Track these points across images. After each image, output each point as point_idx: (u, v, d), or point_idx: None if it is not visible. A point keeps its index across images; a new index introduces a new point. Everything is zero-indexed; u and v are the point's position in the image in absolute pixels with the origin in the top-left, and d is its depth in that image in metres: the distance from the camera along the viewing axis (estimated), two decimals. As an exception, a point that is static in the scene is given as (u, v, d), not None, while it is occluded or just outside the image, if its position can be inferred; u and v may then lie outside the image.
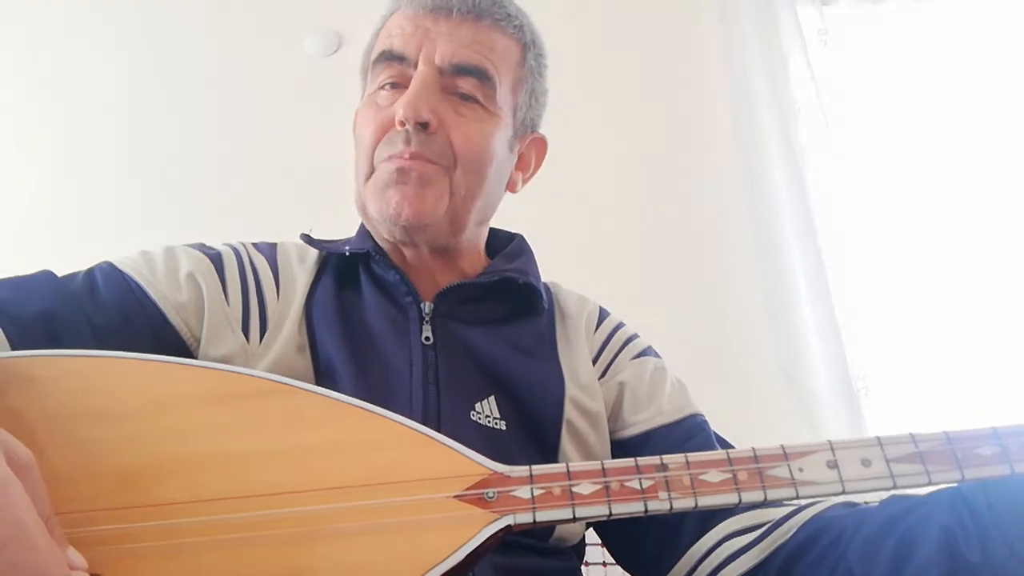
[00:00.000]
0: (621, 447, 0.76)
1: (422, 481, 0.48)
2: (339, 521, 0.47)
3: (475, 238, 0.82)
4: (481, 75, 0.75)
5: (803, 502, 0.67)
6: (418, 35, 0.75)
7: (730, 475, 0.47)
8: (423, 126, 0.72)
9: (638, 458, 0.49)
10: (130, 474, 0.49)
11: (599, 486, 0.47)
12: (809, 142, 1.91)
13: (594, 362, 0.79)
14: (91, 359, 0.54)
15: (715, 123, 2.05)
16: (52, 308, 0.63)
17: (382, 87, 0.77)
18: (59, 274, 0.70)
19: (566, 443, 0.73)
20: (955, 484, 0.50)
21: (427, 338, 0.73)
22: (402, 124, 0.72)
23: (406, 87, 0.74)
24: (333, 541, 0.46)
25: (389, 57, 0.76)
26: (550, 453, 0.72)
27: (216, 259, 0.75)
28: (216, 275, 0.74)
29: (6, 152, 2.06)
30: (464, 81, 0.75)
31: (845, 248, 1.84)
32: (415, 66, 0.74)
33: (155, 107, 2.09)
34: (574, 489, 0.47)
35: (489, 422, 0.70)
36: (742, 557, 0.66)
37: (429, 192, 0.73)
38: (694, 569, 0.68)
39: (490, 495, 0.48)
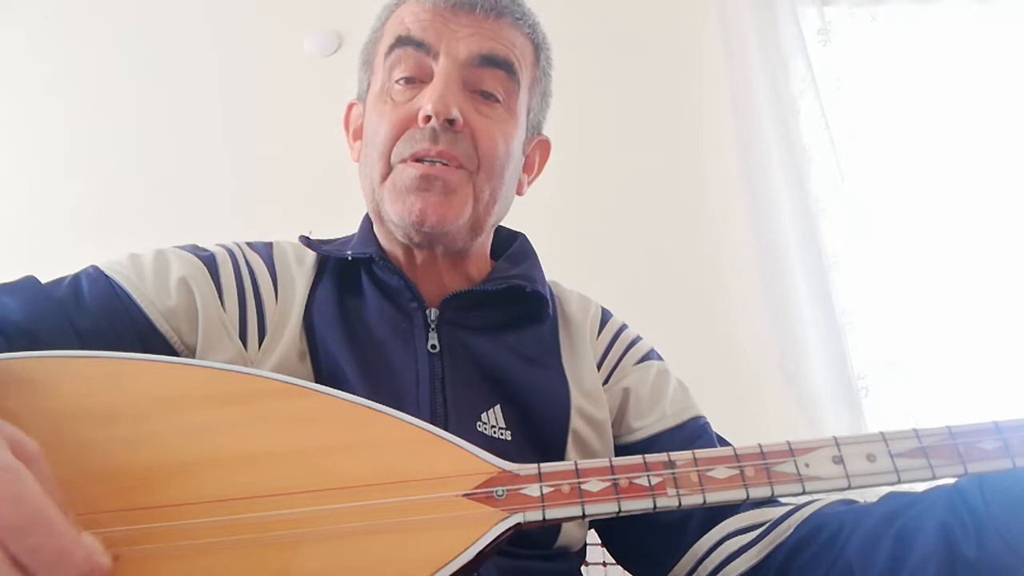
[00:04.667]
0: (626, 452, 0.75)
1: (430, 480, 0.48)
2: (348, 521, 0.47)
3: (485, 241, 0.82)
4: (508, 68, 0.74)
5: (805, 499, 0.67)
6: (437, 24, 0.72)
7: (737, 471, 0.47)
8: (450, 123, 0.70)
9: (646, 455, 0.49)
10: (137, 475, 0.48)
11: (608, 483, 0.47)
12: (809, 142, 1.91)
13: (598, 367, 0.79)
14: (95, 360, 0.53)
15: (715, 123, 2.05)
16: (34, 316, 0.62)
17: (396, 81, 0.74)
18: (52, 276, 0.68)
19: (571, 452, 0.73)
20: (958, 478, 0.51)
21: (433, 346, 0.72)
22: (427, 120, 0.70)
23: (423, 82, 0.73)
24: (342, 541, 0.46)
25: (406, 43, 0.73)
26: (555, 461, 0.72)
27: (210, 262, 0.73)
28: (210, 279, 0.71)
29: (7, 151, 2.06)
30: (490, 75, 0.74)
31: (845, 248, 1.84)
32: (435, 57, 0.72)
33: (155, 107, 2.08)
34: (583, 487, 0.47)
35: (495, 432, 0.70)
36: (743, 555, 0.66)
37: (454, 199, 0.72)
38: (695, 568, 0.68)
39: (499, 493, 0.48)
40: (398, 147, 0.72)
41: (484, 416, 0.70)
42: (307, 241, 0.79)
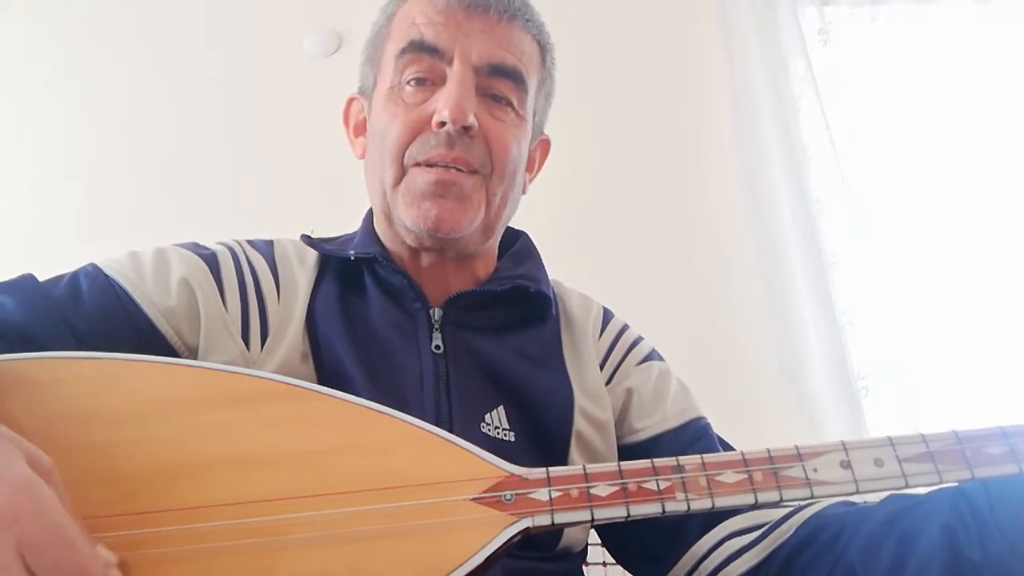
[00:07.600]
0: (628, 453, 0.76)
1: (439, 484, 0.48)
2: (356, 525, 0.47)
3: (495, 242, 0.82)
4: (517, 78, 0.74)
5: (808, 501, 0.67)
6: (450, 28, 0.72)
7: (746, 476, 0.48)
8: (466, 129, 0.70)
9: (654, 459, 0.49)
10: (140, 478, 0.48)
11: (616, 487, 0.47)
12: (809, 142, 1.91)
13: (600, 367, 0.79)
14: (97, 361, 0.53)
15: (715, 123, 2.04)
16: (32, 316, 0.61)
17: (408, 82, 0.73)
18: (51, 274, 0.68)
19: (575, 453, 0.72)
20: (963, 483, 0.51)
21: (437, 347, 0.71)
22: (441, 125, 0.70)
23: (435, 84, 0.72)
24: (351, 545, 0.46)
25: (419, 48, 0.72)
26: (558, 463, 0.71)
27: (211, 260, 0.72)
28: (212, 279, 0.71)
29: (7, 151, 2.05)
30: (500, 83, 0.73)
31: (845, 248, 1.84)
32: (449, 62, 0.71)
33: (155, 107, 2.08)
34: (592, 491, 0.47)
35: (499, 433, 0.69)
36: (743, 556, 0.66)
37: (468, 205, 0.71)
38: (695, 568, 0.68)
39: (508, 497, 0.48)
40: (411, 150, 0.72)
41: (488, 417, 0.70)
42: (308, 240, 0.79)
